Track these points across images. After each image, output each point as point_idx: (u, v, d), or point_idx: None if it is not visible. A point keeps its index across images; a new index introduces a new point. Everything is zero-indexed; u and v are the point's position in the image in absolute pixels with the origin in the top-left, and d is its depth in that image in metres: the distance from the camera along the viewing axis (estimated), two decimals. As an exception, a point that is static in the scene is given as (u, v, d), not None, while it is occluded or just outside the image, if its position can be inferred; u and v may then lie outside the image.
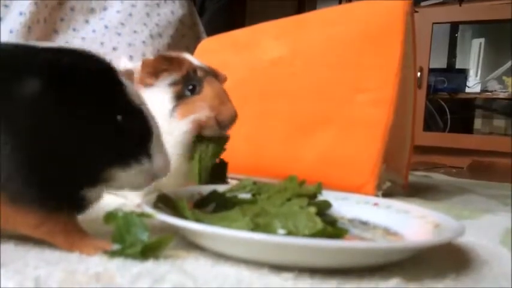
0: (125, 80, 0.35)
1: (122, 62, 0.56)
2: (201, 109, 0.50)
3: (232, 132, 0.58)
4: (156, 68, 0.52)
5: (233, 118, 0.52)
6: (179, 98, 0.50)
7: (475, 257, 0.38)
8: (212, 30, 1.27)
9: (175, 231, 0.39)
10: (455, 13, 1.90)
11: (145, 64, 0.52)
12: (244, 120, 0.84)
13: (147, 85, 0.52)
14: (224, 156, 0.56)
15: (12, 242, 0.34)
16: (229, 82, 0.90)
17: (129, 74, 0.51)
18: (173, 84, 0.51)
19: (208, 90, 0.51)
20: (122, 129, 0.33)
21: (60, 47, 0.33)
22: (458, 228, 0.36)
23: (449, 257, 0.38)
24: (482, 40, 2.10)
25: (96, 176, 0.32)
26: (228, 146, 0.55)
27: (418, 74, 1.84)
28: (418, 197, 0.72)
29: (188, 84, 0.51)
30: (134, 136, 0.34)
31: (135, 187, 0.35)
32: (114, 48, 1.14)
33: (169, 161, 0.37)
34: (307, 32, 0.82)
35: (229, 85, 0.90)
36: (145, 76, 0.52)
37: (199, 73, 0.52)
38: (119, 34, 1.16)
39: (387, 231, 0.42)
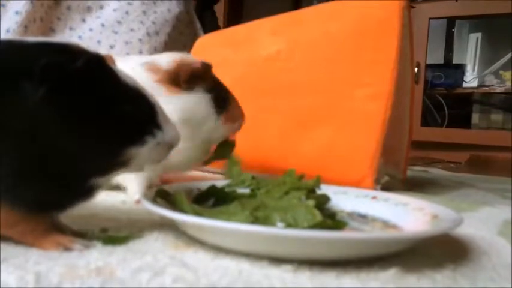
0: (111, 65, 0.35)
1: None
2: (237, 119, 0.58)
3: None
4: (193, 81, 0.54)
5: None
6: (219, 104, 0.56)
7: (473, 248, 0.39)
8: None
9: (175, 226, 0.39)
10: (452, 8, 1.91)
11: (184, 71, 0.53)
12: (243, 116, 0.84)
13: (184, 89, 0.54)
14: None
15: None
16: (228, 79, 0.90)
17: (152, 67, 0.54)
18: (208, 91, 0.56)
19: (234, 102, 0.59)
20: (130, 112, 0.34)
21: (49, 42, 0.34)
22: (456, 219, 0.36)
23: (448, 248, 0.38)
24: (479, 35, 2.10)
25: (117, 160, 0.34)
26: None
27: (416, 69, 1.84)
28: (416, 191, 0.72)
29: (219, 95, 0.57)
30: (142, 114, 0.35)
31: (155, 161, 0.37)
32: (111, 47, 1.14)
33: (177, 128, 0.38)
34: (304, 28, 0.82)
35: (227, 82, 0.90)
36: (183, 83, 0.54)
37: (219, 84, 0.59)
38: (116, 32, 1.16)
39: (386, 224, 0.42)
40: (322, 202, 0.43)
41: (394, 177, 0.72)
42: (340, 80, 0.73)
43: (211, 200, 0.44)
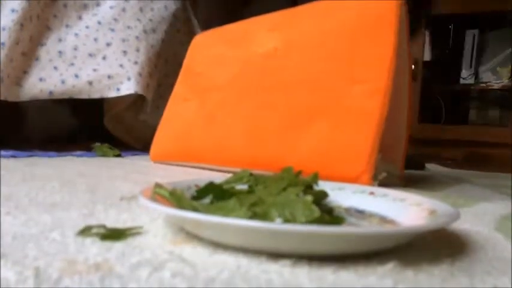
0: None
1: None
2: None
3: (229, 125, 0.58)
4: None
5: None
6: None
7: (470, 242, 0.39)
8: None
9: (173, 222, 0.39)
10: (449, 5, 1.91)
11: None
12: (240, 113, 0.84)
13: None
14: (220, 149, 0.57)
15: (10, 235, 0.34)
16: (225, 76, 0.90)
17: None
18: None
19: None
20: None
21: None
22: (453, 213, 0.36)
23: (446, 243, 0.38)
24: (476, 31, 2.10)
25: None
26: (225, 139, 0.57)
27: (413, 66, 1.84)
28: (414, 188, 0.73)
29: None
30: None
31: None
32: (108, 44, 1.14)
33: None
34: (301, 25, 0.82)
35: (224, 79, 0.90)
36: None
37: None
38: (113, 30, 1.16)
39: (384, 219, 0.42)
40: (320, 198, 0.43)
41: (391, 174, 0.72)
42: (338, 77, 0.73)
43: (209, 197, 0.44)
